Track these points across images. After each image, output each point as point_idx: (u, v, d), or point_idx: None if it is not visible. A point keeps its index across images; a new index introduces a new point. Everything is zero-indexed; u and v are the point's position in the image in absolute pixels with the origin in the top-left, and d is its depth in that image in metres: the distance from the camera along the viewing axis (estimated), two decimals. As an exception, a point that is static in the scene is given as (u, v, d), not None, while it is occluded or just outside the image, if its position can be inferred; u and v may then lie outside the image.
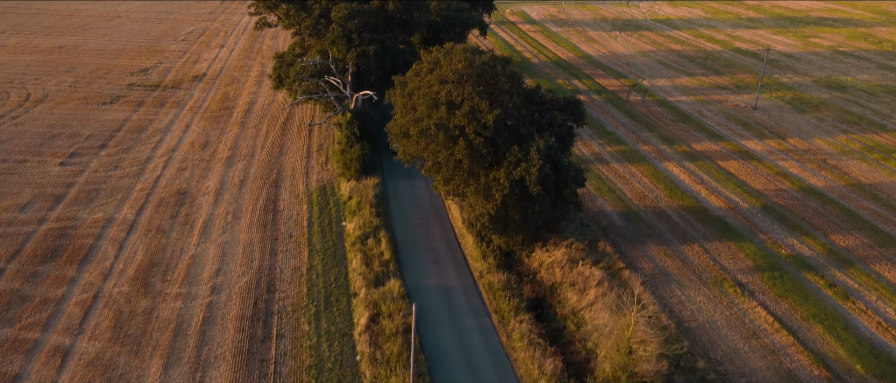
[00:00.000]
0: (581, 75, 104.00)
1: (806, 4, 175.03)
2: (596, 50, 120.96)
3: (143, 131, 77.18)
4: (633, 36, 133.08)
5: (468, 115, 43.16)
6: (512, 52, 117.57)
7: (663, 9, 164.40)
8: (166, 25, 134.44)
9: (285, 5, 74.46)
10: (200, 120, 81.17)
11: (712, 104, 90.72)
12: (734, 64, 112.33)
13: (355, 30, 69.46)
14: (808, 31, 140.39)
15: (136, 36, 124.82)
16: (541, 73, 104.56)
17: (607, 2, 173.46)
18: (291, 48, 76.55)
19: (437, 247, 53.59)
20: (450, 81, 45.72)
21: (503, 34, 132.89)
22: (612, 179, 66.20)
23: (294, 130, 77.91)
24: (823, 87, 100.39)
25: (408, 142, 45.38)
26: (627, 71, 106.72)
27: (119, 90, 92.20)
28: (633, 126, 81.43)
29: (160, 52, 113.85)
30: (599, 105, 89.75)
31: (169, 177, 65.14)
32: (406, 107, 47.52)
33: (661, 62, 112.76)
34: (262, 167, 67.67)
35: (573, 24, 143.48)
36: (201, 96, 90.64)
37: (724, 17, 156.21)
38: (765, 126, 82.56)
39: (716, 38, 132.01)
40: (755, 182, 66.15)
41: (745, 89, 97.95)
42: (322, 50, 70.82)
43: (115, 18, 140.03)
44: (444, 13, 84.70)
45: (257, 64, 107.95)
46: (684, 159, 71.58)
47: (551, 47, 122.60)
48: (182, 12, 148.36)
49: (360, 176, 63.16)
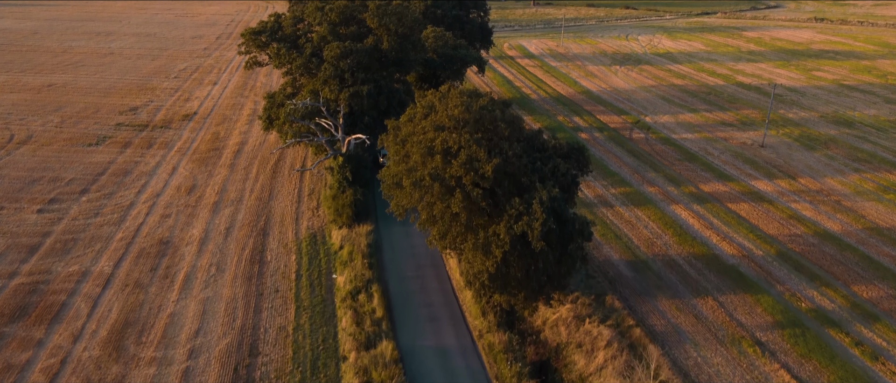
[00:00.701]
0: (582, 112, 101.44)
1: (806, 37, 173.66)
2: (596, 85, 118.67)
3: (127, 174, 74.12)
4: (634, 70, 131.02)
5: (465, 165, 40.09)
6: (511, 88, 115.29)
7: (663, 42, 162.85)
8: (159, 62, 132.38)
9: (276, 44, 71.99)
10: (188, 162, 78.17)
11: (718, 142, 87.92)
12: (738, 99, 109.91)
13: (348, 69, 66.90)
14: (811, 65, 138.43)
15: (128, 73, 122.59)
16: (540, 110, 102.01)
17: (606, 36, 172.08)
18: (282, 88, 73.93)
19: (433, 301, 50.14)
20: (445, 128, 42.75)
21: (502, 69, 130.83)
22: (617, 224, 62.97)
23: (285, 172, 74.89)
24: (831, 122, 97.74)
25: (401, 194, 42.25)
26: (629, 107, 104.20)
27: (106, 130, 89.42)
28: (637, 166, 78.47)
29: (151, 89, 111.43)
30: (602, 143, 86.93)
31: (151, 225, 61.88)
32: (399, 154, 44.49)
33: (663, 97, 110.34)
34: (250, 213, 64.46)
35: (572, 59, 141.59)
36: (191, 136, 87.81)
37: (725, 50, 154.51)
38: (774, 165, 79.62)
39: (717, 72, 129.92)
40: (768, 226, 62.92)
41: (751, 125, 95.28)
42: (314, 90, 68.13)
43: (108, 55, 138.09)
44: (440, 50, 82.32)
45: (250, 102, 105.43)
46: (692, 201, 68.44)
47: (551, 82, 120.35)
48: (176, 48, 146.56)
49: (352, 223, 59.94)
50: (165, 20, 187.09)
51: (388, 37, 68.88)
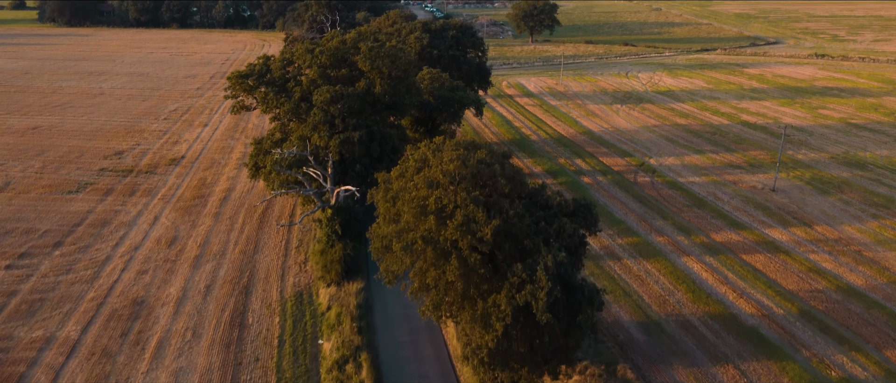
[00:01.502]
0: (584, 154, 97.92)
1: (809, 73, 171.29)
2: (597, 125, 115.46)
3: (106, 225, 70.11)
4: (635, 109, 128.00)
5: (462, 227, 36.15)
6: (510, 129, 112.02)
7: (663, 80, 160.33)
8: (150, 103, 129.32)
9: (264, 88, 68.65)
10: (171, 211, 74.23)
11: (727, 186, 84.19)
12: (744, 139, 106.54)
13: (339, 114, 63.40)
14: (816, 102, 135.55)
15: (117, 115, 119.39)
16: (541, 152, 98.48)
17: (606, 73, 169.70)
18: (270, 133, 70.38)
19: (427, 371, 45.76)
20: (440, 184, 38.92)
21: (500, 109, 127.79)
22: (626, 280, 58.82)
23: (273, 222, 70.92)
24: (842, 164, 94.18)
25: (390, 258, 38.22)
26: (632, 148, 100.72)
27: (88, 176, 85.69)
28: (644, 213, 74.59)
29: (139, 132, 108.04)
30: (606, 188, 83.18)
31: (126, 283, 57.67)
32: (389, 213, 40.58)
33: (667, 138, 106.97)
34: (232, 268, 60.29)
35: (572, 97, 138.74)
36: (176, 182, 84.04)
37: (727, 87, 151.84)
38: (787, 211, 75.77)
39: (721, 111, 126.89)
40: (787, 281, 58.79)
41: (760, 168, 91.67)
42: (303, 136, 64.49)
43: (98, 96, 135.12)
44: (437, 92, 79.03)
45: (241, 144, 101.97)
46: (704, 253, 64.40)
47: (551, 122, 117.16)
48: (168, 88, 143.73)
49: (341, 280, 55.81)
50: (160, 59, 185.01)
51: (381, 80, 65.59)
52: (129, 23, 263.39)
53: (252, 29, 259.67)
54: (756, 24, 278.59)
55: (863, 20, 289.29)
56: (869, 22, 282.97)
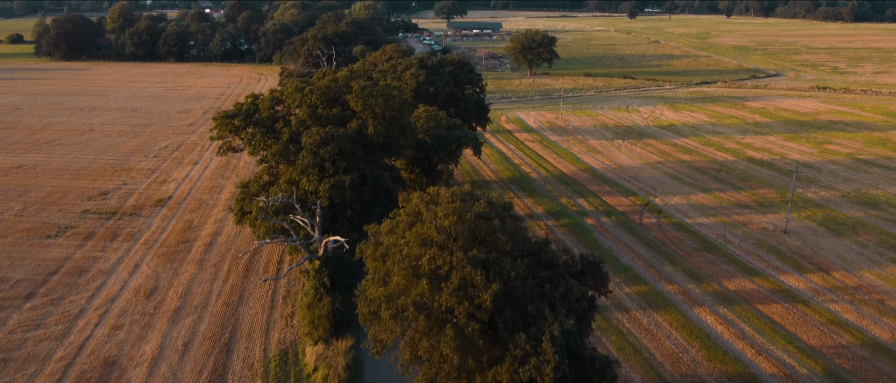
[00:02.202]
0: (586, 193, 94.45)
1: (812, 107, 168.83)
2: (599, 161, 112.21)
3: (83, 274, 66.24)
4: (638, 144, 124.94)
5: (458, 293, 32.44)
6: (509, 166, 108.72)
7: (665, 114, 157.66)
8: (140, 140, 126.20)
9: (251, 128, 65.39)
10: (153, 257, 70.41)
11: (737, 227, 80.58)
12: (751, 176, 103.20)
13: (329, 157, 59.98)
14: (821, 137, 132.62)
15: (105, 152, 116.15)
16: (542, 191, 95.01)
17: (606, 107, 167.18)
18: (258, 176, 66.90)
19: (421, 445, 41.55)
20: (434, 242, 35.27)
21: (499, 144, 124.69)
22: (636, 335, 54.86)
23: (260, 270, 67.10)
24: (854, 203, 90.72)
25: (379, 326, 34.41)
26: (636, 187, 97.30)
27: (70, 219, 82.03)
28: (651, 258, 70.84)
29: (127, 170, 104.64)
30: (610, 230, 79.52)
31: (99, 340, 53.66)
32: (378, 273, 36.86)
33: (672, 175, 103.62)
34: (214, 323, 56.31)
35: (572, 132, 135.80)
36: (161, 225, 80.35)
37: (729, 121, 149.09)
38: (801, 255, 72.05)
39: (725, 147, 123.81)
40: (808, 335, 54.86)
41: (770, 207, 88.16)
42: (291, 180, 61.01)
43: (88, 132, 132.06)
44: (433, 131, 75.81)
45: (231, 184, 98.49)
46: (718, 303, 60.52)
47: (551, 159, 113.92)
48: (160, 124, 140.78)
49: (329, 337, 51.86)
50: (154, 93, 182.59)
51: (374, 120, 62.35)
52: (126, 57, 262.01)
53: (249, 62, 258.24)
54: (755, 56, 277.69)
55: (862, 52, 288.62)
56: (868, 54, 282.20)
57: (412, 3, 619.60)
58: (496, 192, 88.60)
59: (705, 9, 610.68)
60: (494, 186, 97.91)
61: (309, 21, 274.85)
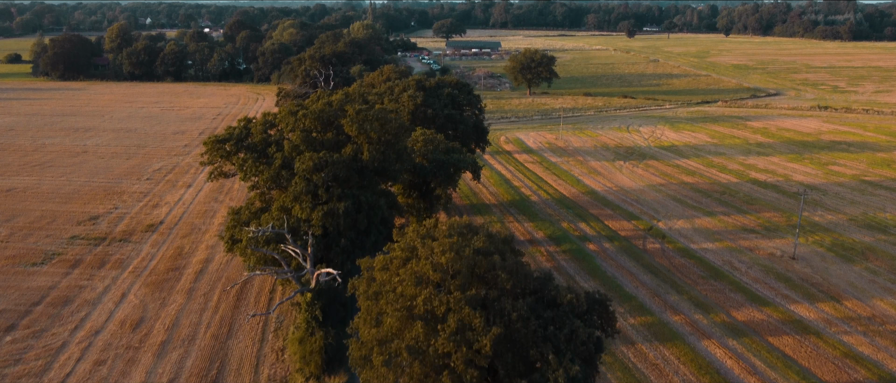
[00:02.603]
0: (588, 216, 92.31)
1: (814, 126, 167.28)
2: (601, 184, 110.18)
3: (67, 304, 63.88)
4: (639, 166, 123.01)
5: (455, 337, 30.23)
6: (509, 189, 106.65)
7: (666, 134, 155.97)
8: (134, 162, 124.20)
9: (243, 153, 63.37)
10: (141, 286, 68.09)
11: (743, 253, 78.39)
12: (755, 199, 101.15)
13: (322, 183, 57.92)
14: (825, 158, 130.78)
15: (98, 175, 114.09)
16: (542, 215, 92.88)
17: (606, 127, 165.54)
18: (249, 202, 64.77)
19: None
20: (430, 282, 33.08)
21: (499, 166, 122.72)
22: (643, 370, 52.47)
23: (251, 300, 64.77)
24: (862, 227, 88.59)
25: (370, 374, 32.10)
26: (639, 210, 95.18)
27: (57, 245, 79.77)
28: (656, 286, 68.57)
29: (119, 194, 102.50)
30: (613, 256, 77.30)
31: (80, 376, 51.28)
32: (371, 313, 34.61)
33: (675, 198, 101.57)
34: (201, 358, 53.91)
35: (573, 154, 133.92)
36: (151, 252, 78.10)
37: (731, 142, 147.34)
38: (811, 282, 69.80)
39: (728, 168, 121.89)
40: (822, 369, 52.49)
41: (776, 232, 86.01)
42: (284, 206, 58.90)
43: (81, 154, 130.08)
44: (431, 155, 73.82)
45: (224, 207, 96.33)
46: (726, 334, 58.18)
47: (552, 181, 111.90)
48: (155, 146, 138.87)
49: (321, 373, 49.54)
50: (150, 114, 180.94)
51: (370, 145, 60.37)
52: (124, 76, 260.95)
53: (247, 82, 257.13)
54: (755, 75, 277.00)
55: (862, 71, 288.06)
56: (868, 73, 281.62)
57: (411, 23, 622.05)
58: (498, 223, 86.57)
59: (703, 28, 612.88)
60: (494, 210, 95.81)
61: (307, 40, 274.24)
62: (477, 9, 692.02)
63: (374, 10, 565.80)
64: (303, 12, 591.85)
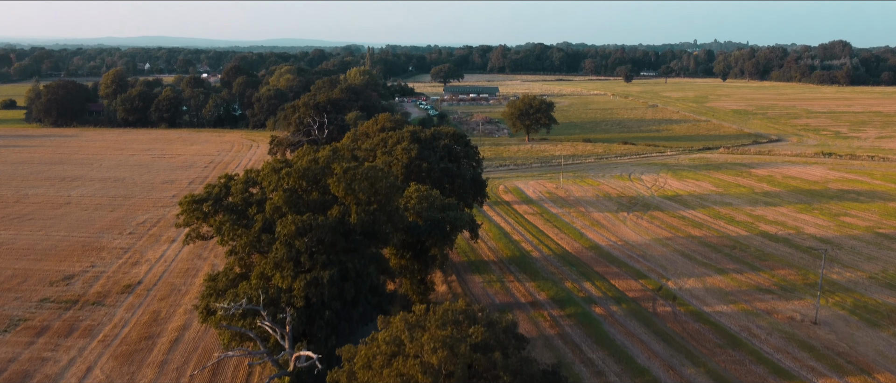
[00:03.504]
0: (592, 275, 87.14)
1: (819, 174, 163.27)
2: (604, 237, 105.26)
3: (26, 380, 58.19)
4: (644, 217, 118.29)
5: (449, 460, 24.89)
6: (508, 244, 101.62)
7: (669, 183, 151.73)
8: (118, 214, 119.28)
9: (221, 214, 58.56)
10: (109, 359, 62.49)
11: (760, 317, 73.09)
12: (768, 254, 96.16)
13: (306, 249, 52.96)
14: (835, 208, 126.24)
15: (79, 228, 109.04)
16: (544, 273, 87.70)
17: (607, 175, 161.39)
18: (228, 267, 59.64)
19: None
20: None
21: (497, 218, 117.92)
22: (661, 463, 46.77)
23: (228, 375, 59.15)
24: (883, 286, 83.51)
25: None
26: (646, 267, 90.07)
27: (25, 309, 74.38)
28: (669, 357, 63.10)
29: (98, 250, 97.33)
30: (622, 321, 71.94)
31: (27, 472, 45.36)
32: (350, 422, 29.34)
33: (683, 253, 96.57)
34: (166, 447, 48.14)
35: (574, 204, 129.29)
36: (124, 317, 72.66)
37: (737, 191, 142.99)
38: (837, 351, 64.40)
39: (736, 220, 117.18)
40: (862, 460, 46.82)
41: (793, 292, 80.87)
42: (264, 274, 53.83)
43: (64, 206, 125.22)
44: (425, 213, 69.01)
45: (208, 265, 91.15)
46: (751, 416, 52.58)
47: (553, 235, 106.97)
48: (142, 196, 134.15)
49: (300, 469, 43.70)
50: (140, 162, 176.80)
51: (358, 207, 55.62)
52: (118, 123, 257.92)
53: (242, 128, 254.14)
54: (755, 120, 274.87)
55: (863, 116, 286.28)
56: (869, 118, 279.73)
57: (409, 68, 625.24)
58: (498, 283, 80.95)
59: (700, 72, 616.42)
60: (493, 267, 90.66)
61: (304, 86, 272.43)
62: (474, 54, 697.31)
63: (372, 55, 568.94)
64: (301, 57, 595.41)
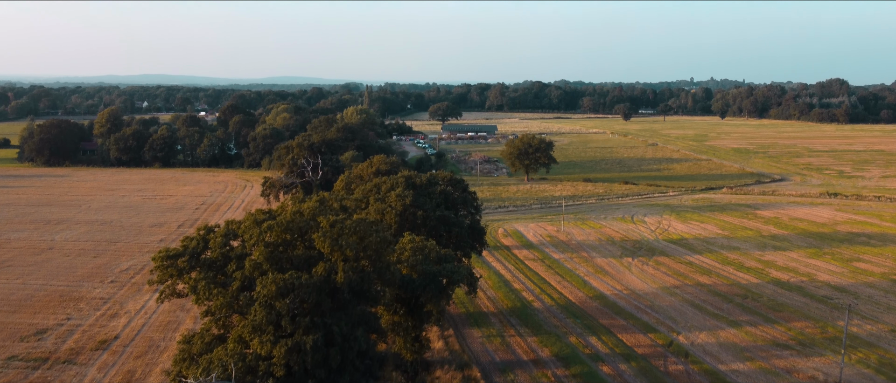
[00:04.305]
0: (598, 328, 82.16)
1: (827, 216, 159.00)
2: (609, 286, 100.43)
3: (-21, 455, 52.85)
4: (649, 263, 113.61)
5: None
6: (509, 293, 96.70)
7: (673, 225, 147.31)
8: (102, 260, 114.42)
9: (198, 271, 53.97)
10: (73, 428, 57.19)
11: (780, 377, 68.04)
12: (782, 305, 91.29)
13: (287, 312, 48.24)
14: (847, 253, 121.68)
15: (59, 276, 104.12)
16: (547, 326, 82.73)
17: (609, 217, 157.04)
18: (205, 329, 54.77)
19: None
20: None
21: (497, 264, 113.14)
22: None
23: (202, 448, 53.79)
24: (908, 340, 78.53)
25: None
26: (655, 319, 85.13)
27: (-10, 369, 69.06)
28: (686, 425, 57.92)
29: (76, 300, 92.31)
30: (632, 382, 66.80)
31: None
32: None
33: (693, 304, 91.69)
34: None
35: (576, 249, 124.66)
36: (96, 378, 67.55)
37: (744, 234, 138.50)
38: (867, 418, 59.25)
39: (746, 265, 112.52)
40: None
41: (812, 347, 75.91)
42: (242, 338, 49.03)
43: (46, 251, 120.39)
44: (420, 266, 64.30)
45: (190, 317, 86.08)
46: None
47: (555, 283, 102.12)
48: (128, 241, 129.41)
49: None
50: (130, 203, 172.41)
51: (346, 264, 51.05)
52: (111, 162, 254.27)
53: (237, 168, 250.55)
54: (757, 159, 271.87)
55: (865, 155, 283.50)
56: (872, 157, 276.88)
57: (407, 106, 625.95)
58: (498, 338, 75.44)
59: (698, 110, 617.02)
60: (493, 320, 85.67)
61: (300, 125, 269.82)
62: (473, 92, 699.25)
63: (371, 93, 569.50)
64: (299, 96, 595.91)
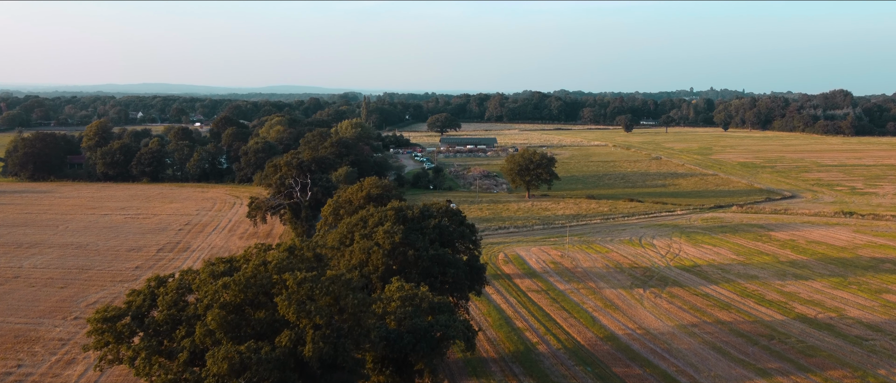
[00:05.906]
0: (612, 379, 73.30)
1: (845, 238, 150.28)
2: (621, 324, 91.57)
3: None
4: (662, 296, 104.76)
5: None
6: (510, 333, 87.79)
7: (684, 249, 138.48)
8: (69, 291, 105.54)
9: (140, 337, 45.13)
10: None
11: (824, 445, 59.09)
12: (814, 348, 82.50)
13: (244, 393, 39.28)
14: (874, 283, 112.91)
15: (18, 311, 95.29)
16: (554, 376, 73.87)
17: (616, 239, 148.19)
18: (151, 404, 45.84)
19: None
20: None
21: (497, 297, 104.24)
22: None
23: None
24: (960, 394, 69.63)
25: None
26: (675, 368, 76.29)
27: (-84, 434, 60.01)
28: None
29: (32, 342, 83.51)
30: (653, 453, 57.86)
31: None
32: None
33: (715, 347, 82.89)
34: None
35: (582, 277, 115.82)
36: (35, 447, 58.44)
37: (760, 260, 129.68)
38: None
39: (767, 298, 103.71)
40: None
41: (855, 404, 66.98)
42: (190, 421, 40.10)
43: (11, 281, 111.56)
44: (408, 320, 55.41)
45: (156, 365, 76.84)
46: None
47: (561, 320, 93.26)
48: (101, 268, 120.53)
49: None
50: (111, 223, 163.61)
51: (315, 332, 42.20)
52: (97, 177, 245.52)
53: (228, 183, 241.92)
54: (764, 174, 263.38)
55: (875, 170, 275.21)
56: (883, 172, 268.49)
57: (406, 117, 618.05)
58: None
59: (700, 121, 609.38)
60: (493, 368, 76.77)
61: (294, 138, 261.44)
62: (472, 102, 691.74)
63: (369, 103, 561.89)
64: (297, 106, 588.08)
